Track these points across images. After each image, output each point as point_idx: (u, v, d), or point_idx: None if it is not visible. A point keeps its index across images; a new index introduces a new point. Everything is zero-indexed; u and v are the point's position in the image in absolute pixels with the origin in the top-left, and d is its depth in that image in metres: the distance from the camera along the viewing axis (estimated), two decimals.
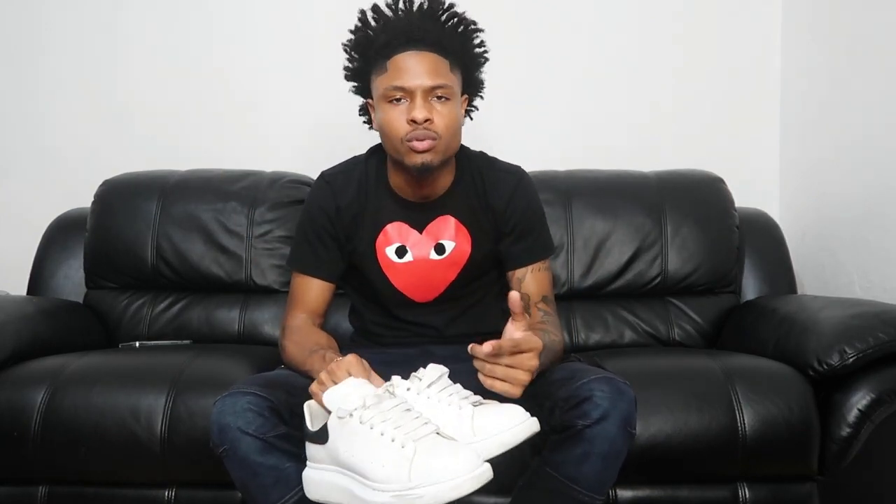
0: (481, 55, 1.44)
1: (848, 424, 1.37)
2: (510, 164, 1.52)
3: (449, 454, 1.00)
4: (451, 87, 1.34)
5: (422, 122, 1.30)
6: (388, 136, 1.35)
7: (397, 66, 1.32)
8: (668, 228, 1.89)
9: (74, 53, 2.26)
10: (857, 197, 1.91)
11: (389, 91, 1.32)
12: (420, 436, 1.02)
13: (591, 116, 2.25)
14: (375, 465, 1.02)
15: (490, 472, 1.02)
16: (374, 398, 1.06)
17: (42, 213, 2.07)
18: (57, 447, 1.39)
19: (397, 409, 1.06)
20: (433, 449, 1.01)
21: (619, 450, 1.15)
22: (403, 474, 0.99)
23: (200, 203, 1.91)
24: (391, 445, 1.02)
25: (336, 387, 1.11)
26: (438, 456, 1.00)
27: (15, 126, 2.28)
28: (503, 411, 1.14)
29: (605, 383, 1.15)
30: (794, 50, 2.20)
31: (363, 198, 1.44)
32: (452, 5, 1.39)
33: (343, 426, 1.06)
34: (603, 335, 1.86)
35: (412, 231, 1.44)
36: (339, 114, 2.22)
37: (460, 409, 1.14)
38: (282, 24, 2.25)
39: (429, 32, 1.34)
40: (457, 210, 1.45)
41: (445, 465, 0.99)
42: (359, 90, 1.47)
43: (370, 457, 1.03)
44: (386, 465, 1.01)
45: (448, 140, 1.34)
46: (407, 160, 1.33)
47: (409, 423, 1.04)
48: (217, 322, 1.87)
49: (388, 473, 1.01)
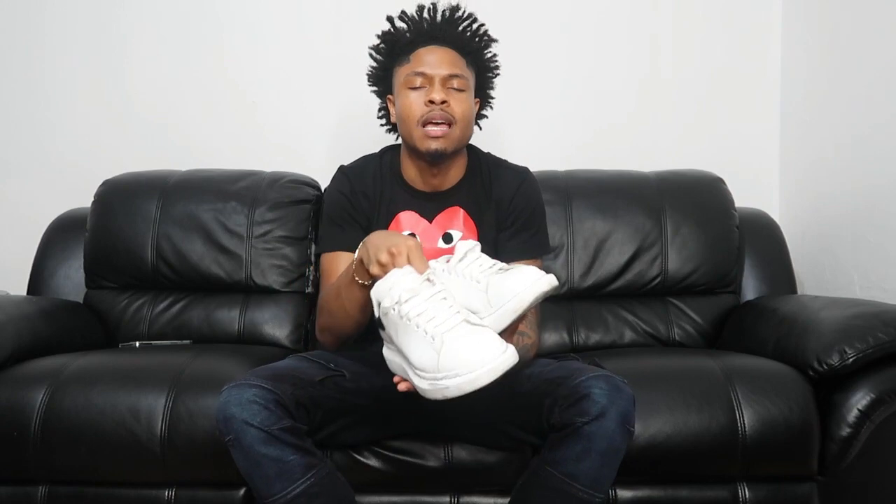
0: (494, 67, 1.55)
1: (848, 424, 1.37)
2: (517, 164, 1.60)
3: (472, 346, 1.06)
4: (467, 80, 1.46)
5: (439, 102, 1.40)
6: (405, 120, 1.44)
7: (419, 56, 1.45)
8: (668, 228, 1.89)
9: (75, 53, 2.26)
10: (857, 197, 1.91)
11: (410, 77, 1.43)
12: (449, 327, 1.09)
13: (591, 116, 2.26)
14: (415, 354, 1.11)
15: (512, 357, 1.07)
16: (408, 292, 1.12)
17: (42, 213, 2.07)
18: (57, 447, 1.39)
19: (433, 299, 1.12)
20: (459, 340, 1.07)
21: (617, 447, 1.15)
22: (433, 365, 1.07)
23: (200, 203, 1.91)
24: (425, 337, 1.09)
25: (381, 281, 1.17)
26: (462, 349, 1.06)
27: (15, 126, 2.28)
28: (516, 275, 1.19)
29: (603, 381, 1.16)
30: (794, 50, 2.20)
31: (378, 187, 1.52)
32: (472, 14, 1.51)
33: (388, 317, 1.15)
34: (603, 335, 1.86)
35: (422, 220, 1.50)
36: (339, 114, 2.23)
37: (478, 283, 1.20)
38: (283, 25, 2.25)
39: (449, 33, 1.46)
40: (465, 202, 1.52)
41: (468, 357, 1.05)
42: (379, 90, 1.57)
43: (410, 346, 1.12)
44: (422, 355, 1.09)
45: (462, 127, 1.44)
46: (421, 145, 1.42)
47: (441, 314, 1.10)
48: (217, 322, 1.87)
49: (423, 362, 1.09)
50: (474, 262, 1.24)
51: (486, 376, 1.04)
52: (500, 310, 1.17)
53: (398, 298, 1.13)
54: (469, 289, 1.21)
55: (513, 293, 1.17)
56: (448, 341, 1.07)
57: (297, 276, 1.89)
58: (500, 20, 1.53)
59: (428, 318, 1.10)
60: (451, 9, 1.49)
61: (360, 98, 1.61)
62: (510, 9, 2.19)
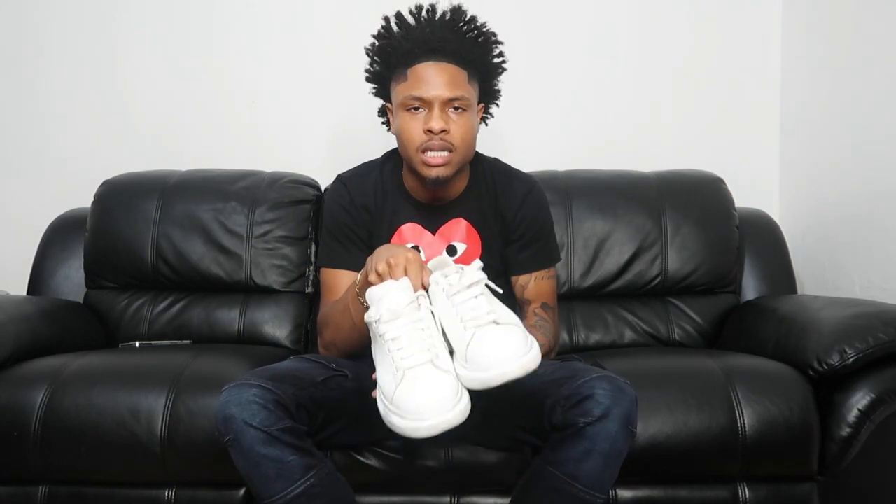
0: (499, 66, 1.48)
1: (848, 424, 1.37)
2: (523, 172, 1.57)
3: (425, 393, 1.07)
4: (468, 99, 1.39)
5: (438, 132, 1.35)
6: (404, 143, 1.40)
7: (417, 75, 1.37)
8: (668, 228, 1.89)
9: (74, 53, 2.26)
10: (857, 197, 1.91)
11: (408, 100, 1.37)
12: (412, 364, 1.09)
13: (590, 116, 2.25)
14: (380, 374, 1.15)
15: (462, 413, 1.07)
16: (390, 313, 1.13)
17: (42, 213, 2.07)
18: (57, 447, 1.39)
19: (411, 327, 1.12)
20: (417, 381, 1.08)
21: (620, 448, 1.15)
22: (390, 394, 1.09)
23: (200, 203, 1.91)
24: (391, 364, 1.11)
25: (375, 287, 1.18)
26: (416, 392, 1.07)
27: (15, 126, 2.28)
28: (499, 346, 1.10)
29: (606, 382, 1.16)
30: (794, 50, 2.20)
31: (380, 199, 1.49)
32: (474, 17, 1.43)
33: (371, 327, 1.17)
34: (603, 335, 1.86)
35: (425, 232, 1.48)
36: (340, 114, 2.23)
37: (464, 332, 1.13)
38: (283, 25, 2.25)
39: (449, 42, 1.38)
40: (469, 213, 1.49)
41: (418, 403, 1.06)
42: (378, 92, 1.51)
43: (380, 365, 1.15)
44: (385, 378, 1.12)
45: (463, 152, 1.39)
46: (421, 171, 1.38)
47: (412, 347, 1.10)
48: (217, 322, 1.87)
49: (384, 386, 1.12)
50: (469, 301, 1.15)
51: (426, 430, 1.05)
52: (472, 373, 1.11)
53: (380, 317, 1.14)
54: (456, 327, 1.15)
55: (486, 366, 1.09)
56: (407, 379, 1.08)
57: (297, 276, 1.89)
58: (500, 20, 1.52)
59: (398, 346, 1.11)
60: (451, 10, 1.42)
61: (360, 98, 1.61)
62: (510, 9, 2.19)
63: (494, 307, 1.16)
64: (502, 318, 1.15)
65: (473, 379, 1.11)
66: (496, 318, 1.13)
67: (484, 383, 1.10)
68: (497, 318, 1.13)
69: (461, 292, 1.17)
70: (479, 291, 1.17)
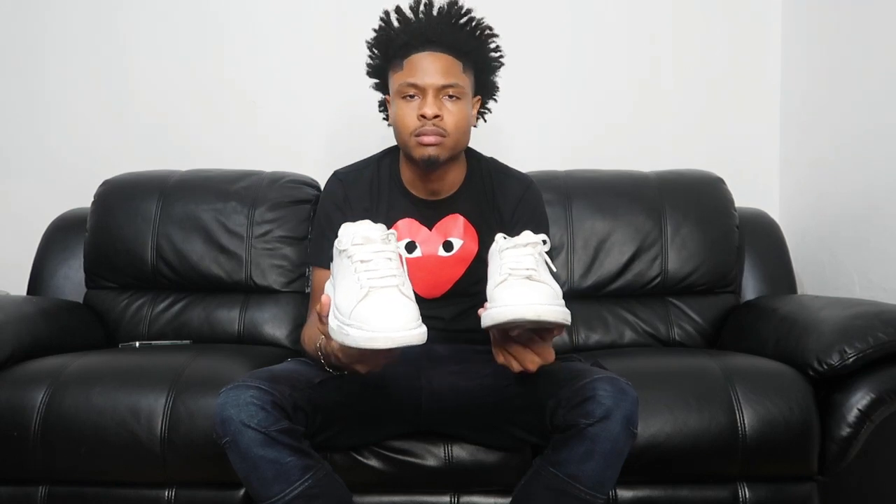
0: (496, 59, 1.51)
1: (848, 424, 1.37)
2: (521, 172, 1.58)
3: (388, 309, 1.07)
4: (462, 87, 1.41)
5: (431, 117, 1.37)
6: (399, 130, 1.42)
7: (413, 64, 1.40)
8: (668, 228, 1.89)
9: (75, 53, 2.26)
10: (857, 196, 1.91)
11: (403, 87, 1.40)
12: (379, 285, 1.10)
13: (591, 116, 2.25)
14: (340, 294, 1.13)
15: (419, 338, 1.06)
16: (363, 238, 1.15)
17: (42, 213, 2.07)
18: (57, 447, 1.39)
19: (381, 255, 1.13)
20: (381, 299, 1.08)
21: (621, 449, 1.15)
22: (349, 309, 1.08)
23: (200, 203, 1.91)
24: (356, 283, 1.11)
25: (350, 224, 1.19)
26: (379, 307, 1.07)
27: (15, 126, 2.28)
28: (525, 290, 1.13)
29: (608, 383, 1.16)
30: (794, 50, 2.20)
31: (375, 194, 1.49)
32: (470, 10, 1.46)
33: (339, 256, 1.18)
34: (603, 335, 1.86)
35: (422, 228, 1.48)
36: (340, 114, 2.23)
37: (499, 276, 1.17)
38: (283, 25, 2.25)
39: (445, 34, 1.42)
40: (466, 209, 1.50)
41: (380, 317, 1.06)
42: (379, 87, 1.54)
43: (341, 285, 1.14)
44: (346, 297, 1.11)
45: (456, 137, 1.41)
46: (415, 153, 1.40)
47: (380, 270, 1.12)
48: (217, 322, 1.87)
49: (343, 304, 1.10)
50: (517, 256, 1.19)
51: (383, 341, 1.04)
52: (489, 310, 1.14)
53: (354, 240, 1.15)
54: (495, 276, 1.18)
55: (502, 304, 1.12)
56: (371, 296, 1.09)
57: (297, 276, 1.89)
58: (499, 20, 1.52)
59: (366, 267, 1.12)
60: (448, 4, 1.45)
61: (360, 98, 1.61)
62: (510, 8, 2.19)
63: (539, 269, 1.18)
64: (540, 277, 1.16)
65: (487, 315, 1.13)
66: (532, 276, 1.16)
67: (493, 319, 1.12)
68: (533, 276, 1.16)
69: (516, 248, 1.20)
70: (529, 252, 1.20)
